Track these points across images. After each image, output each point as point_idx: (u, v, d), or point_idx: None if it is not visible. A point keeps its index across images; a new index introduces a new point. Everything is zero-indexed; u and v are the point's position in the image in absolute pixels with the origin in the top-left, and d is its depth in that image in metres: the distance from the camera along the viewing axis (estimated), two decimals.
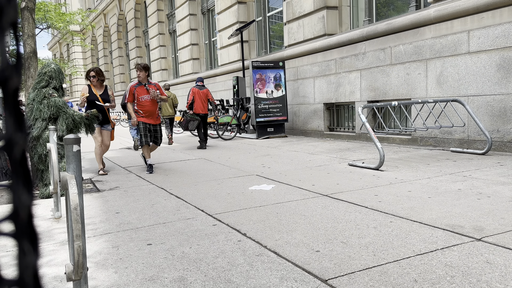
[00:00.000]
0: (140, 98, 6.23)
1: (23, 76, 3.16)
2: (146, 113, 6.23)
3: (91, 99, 6.29)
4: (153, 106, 6.30)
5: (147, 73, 6.35)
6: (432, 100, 6.38)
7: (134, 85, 6.30)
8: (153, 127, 6.34)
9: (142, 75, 6.23)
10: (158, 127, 6.44)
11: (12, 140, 0.29)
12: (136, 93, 6.23)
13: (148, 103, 6.23)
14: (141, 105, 6.23)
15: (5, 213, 0.29)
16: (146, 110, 6.22)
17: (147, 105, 6.22)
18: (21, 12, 8.76)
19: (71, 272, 1.68)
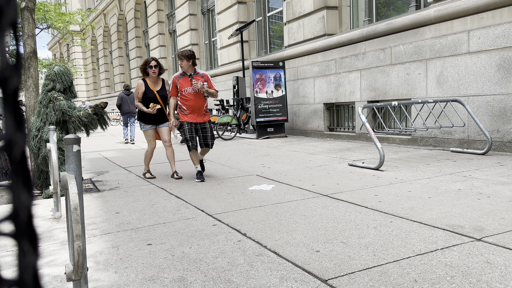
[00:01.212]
0: (183, 91, 5.32)
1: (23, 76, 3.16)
2: (189, 109, 5.31)
3: (148, 96, 5.54)
4: (199, 101, 5.31)
5: (191, 62, 5.35)
6: (432, 100, 6.38)
7: (177, 76, 5.41)
8: (201, 125, 5.38)
9: (184, 65, 5.34)
10: (207, 125, 5.42)
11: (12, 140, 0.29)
12: (179, 85, 5.33)
13: (192, 96, 5.29)
14: (184, 100, 5.33)
15: (5, 213, 0.29)
16: (190, 105, 5.29)
17: (190, 99, 5.29)
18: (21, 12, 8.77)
19: (71, 272, 1.68)
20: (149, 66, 5.58)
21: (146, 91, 5.58)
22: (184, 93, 5.31)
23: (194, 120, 5.32)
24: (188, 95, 5.30)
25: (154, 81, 5.67)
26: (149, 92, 5.58)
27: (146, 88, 5.58)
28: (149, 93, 5.58)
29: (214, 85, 5.49)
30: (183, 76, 5.38)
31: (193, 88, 5.26)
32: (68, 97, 5.13)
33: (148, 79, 5.63)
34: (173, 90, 5.41)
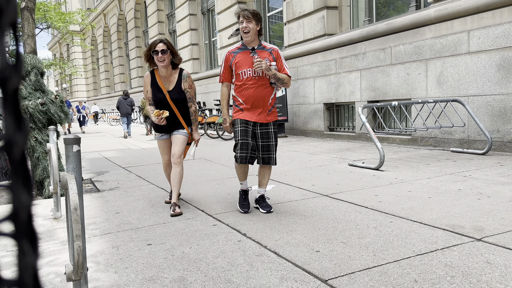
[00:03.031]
0: (240, 74, 3.54)
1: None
2: (248, 101, 3.55)
3: (156, 98, 3.87)
4: (262, 90, 3.54)
5: (259, 27, 3.56)
6: (432, 100, 6.38)
7: (233, 51, 3.63)
8: (261, 128, 3.61)
9: (251, 29, 3.48)
10: (271, 129, 3.63)
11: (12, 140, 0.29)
12: (235, 65, 3.56)
13: (253, 83, 3.52)
14: (240, 87, 3.57)
15: (4, 213, 0.29)
16: (249, 96, 3.53)
17: (250, 86, 3.53)
18: (21, 12, 8.76)
19: (71, 272, 1.68)
20: (153, 52, 3.73)
21: (154, 90, 3.86)
22: (241, 77, 3.53)
23: (252, 119, 3.56)
24: (247, 80, 3.52)
25: (165, 75, 3.85)
26: (157, 92, 3.85)
27: (154, 85, 3.86)
28: (156, 93, 3.86)
29: (287, 68, 3.62)
30: (242, 50, 3.58)
31: (254, 69, 3.47)
32: (26, 86, 4.90)
33: (158, 71, 3.85)
34: (225, 73, 3.64)
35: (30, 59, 4.95)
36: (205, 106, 16.87)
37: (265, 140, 3.63)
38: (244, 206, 3.70)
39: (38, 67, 4.99)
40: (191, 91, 3.96)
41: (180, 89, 3.90)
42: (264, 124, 3.62)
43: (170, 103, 3.88)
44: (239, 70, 3.57)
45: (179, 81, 3.91)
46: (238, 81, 3.61)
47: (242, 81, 3.57)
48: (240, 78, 3.58)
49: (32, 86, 4.89)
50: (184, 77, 3.91)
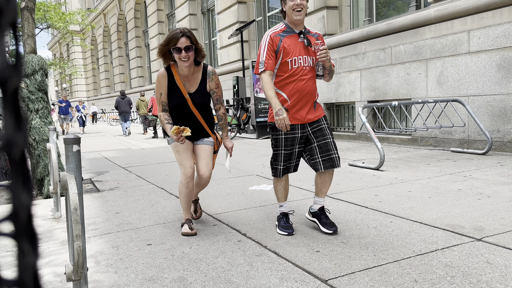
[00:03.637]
0: (289, 62, 2.90)
1: None
2: (295, 97, 2.93)
3: (173, 103, 3.10)
4: (312, 83, 2.97)
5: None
6: (432, 100, 6.38)
7: (278, 33, 2.94)
8: (312, 127, 3.00)
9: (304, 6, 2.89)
10: (323, 123, 3.01)
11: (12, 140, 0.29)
12: (283, 51, 2.90)
13: (304, 73, 2.92)
14: (287, 80, 2.92)
15: (4, 213, 0.29)
16: (298, 90, 2.92)
17: (300, 78, 2.91)
18: (21, 12, 8.76)
19: (71, 272, 1.68)
20: (174, 50, 2.94)
21: (171, 92, 3.08)
22: (290, 67, 2.89)
23: (299, 121, 2.96)
24: (298, 70, 2.90)
25: (187, 74, 3.08)
26: (175, 95, 3.07)
27: (171, 86, 3.08)
28: (174, 97, 3.08)
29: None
30: (289, 34, 2.94)
31: (317, 57, 2.89)
32: (29, 85, 4.93)
33: (176, 68, 3.08)
34: (269, 59, 2.89)
35: (38, 60, 5.01)
36: None
37: (321, 138, 2.96)
38: (287, 227, 3.02)
39: (45, 68, 5.07)
40: (218, 91, 3.19)
41: (205, 91, 3.12)
42: (315, 122, 3.01)
43: (192, 109, 3.09)
44: (288, 57, 2.88)
45: (203, 81, 3.12)
46: (284, 72, 2.91)
47: (290, 71, 2.89)
48: (287, 68, 2.89)
49: (37, 86, 4.93)
50: (209, 75, 3.13)
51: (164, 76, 3.09)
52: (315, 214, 3.11)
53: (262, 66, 2.91)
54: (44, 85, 5.01)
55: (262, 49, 2.95)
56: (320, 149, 2.95)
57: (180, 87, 3.07)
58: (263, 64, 2.91)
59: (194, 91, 3.11)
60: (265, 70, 2.90)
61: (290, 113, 2.93)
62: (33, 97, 4.87)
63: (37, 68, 4.93)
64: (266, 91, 2.89)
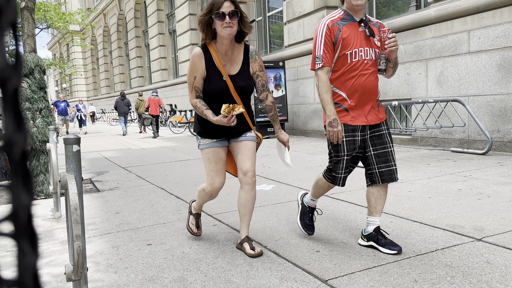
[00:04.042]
0: (348, 54, 2.52)
1: None
2: (355, 95, 2.56)
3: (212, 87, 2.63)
4: (374, 78, 2.60)
5: None
6: (432, 100, 6.38)
7: (336, 21, 2.55)
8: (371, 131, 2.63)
9: None
10: (384, 130, 2.64)
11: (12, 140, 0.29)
12: (342, 42, 2.51)
13: (366, 67, 2.55)
14: (345, 75, 2.54)
15: (4, 213, 0.29)
16: (359, 86, 2.54)
17: (362, 73, 2.54)
18: (20, 12, 8.75)
19: (71, 272, 1.68)
20: (217, 16, 2.50)
21: (209, 75, 2.62)
22: (350, 60, 2.52)
23: (362, 121, 2.58)
24: (359, 64, 2.53)
25: (226, 51, 2.63)
26: (214, 77, 2.62)
27: (208, 68, 2.62)
28: (213, 79, 2.62)
29: None
30: (348, 22, 2.55)
31: (386, 46, 2.53)
32: (31, 84, 4.92)
33: (215, 46, 2.62)
34: (327, 52, 2.52)
35: (32, 57, 4.97)
36: None
37: (380, 146, 2.59)
38: (309, 227, 2.85)
39: (41, 65, 5.02)
40: (263, 74, 2.71)
41: (248, 74, 2.66)
42: (375, 126, 2.61)
43: (233, 95, 2.61)
44: (348, 49, 2.50)
45: (245, 61, 2.66)
46: (342, 66, 2.52)
47: (349, 66, 2.51)
48: (346, 62, 2.51)
49: (37, 84, 4.92)
50: (252, 55, 2.69)
51: (200, 56, 2.61)
52: (370, 236, 2.64)
53: (320, 61, 2.52)
54: (43, 83, 4.99)
55: (318, 40, 2.53)
56: (378, 158, 2.59)
57: (219, 67, 2.60)
58: (320, 59, 2.52)
59: (235, 73, 2.63)
60: (323, 67, 2.52)
61: (351, 113, 2.56)
62: (36, 96, 4.87)
63: (32, 66, 4.92)
64: (321, 93, 2.52)
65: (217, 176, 2.70)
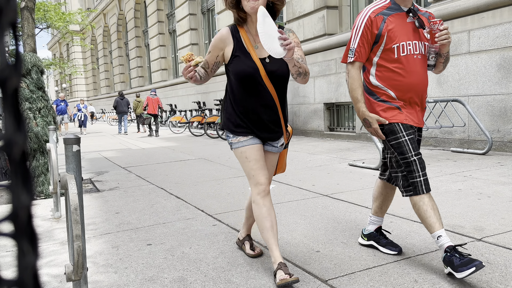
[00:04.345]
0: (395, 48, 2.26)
1: None
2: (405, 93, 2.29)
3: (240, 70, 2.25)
4: (424, 75, 2.34)
5: None
6: (432, 100, 6.38)
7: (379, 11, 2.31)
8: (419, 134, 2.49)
9: None
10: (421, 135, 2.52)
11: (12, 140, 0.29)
12: (387, 34, 2.26)
13: (416, 63, 2.29)
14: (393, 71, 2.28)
15: (4, 213, 0.29)
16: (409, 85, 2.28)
17: (412, 69, 2.28)
18: (20, 12, 8.75)
19: (71, 272, 1.68)
20: None
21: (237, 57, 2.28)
22: (397, 55, 2.26)
23: (415, 122, 2.33)
24: (408, 59, 2.26)
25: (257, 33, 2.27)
26: (242, 59, 2.27)
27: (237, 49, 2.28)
28: (241, 61, 2.26)
29: None
30: (395, 12, 2.30)
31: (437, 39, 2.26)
32: (29, 84, 4.90)
33: (245, 27, 2.34)
34: (363, 46, 2.30)
35: (30, 57, 4.96)
36: (205, 106, 16.87)
37: None
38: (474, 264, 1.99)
39: (38, 65, 5.00)
40: (299, 50, 2.30)
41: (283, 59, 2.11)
42: (419, 129, 2.43)
43: (264, 81, 2.24)
44: (394, 43, 2.24)
45: None
46: (388, 61, 2.27)
47: (396, 61, 2.26)
48: (393, 56, 2.26)
49: (35, 85, 4.91)
50: (286, 32, 2.31)
51: (225, 36, 2.30)
52: (371, 235, 2.59)
53: (352, 55, 2.31)
54: (41, 82, 4.99)
55: (355, 31, 2.30)
56: None
57: (248, 49, 2.25)
58: (353, 53, 2.31)
59: (267, 56, 2.26)
60: (354, 61, 2.31)
61: (404, 111, 2.28)
62: (34, 96, 4.86)
63: (30, 66, 4.91)
64: (351, 90, 2.32)
65: (260, 171, 2.29)
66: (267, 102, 2.29)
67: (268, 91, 2.27)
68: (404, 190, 2.29)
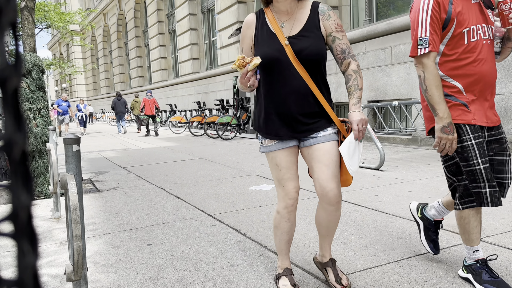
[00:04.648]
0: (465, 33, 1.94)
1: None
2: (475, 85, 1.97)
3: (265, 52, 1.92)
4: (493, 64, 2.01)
5: None
6: None
7: None
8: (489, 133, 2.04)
9: None
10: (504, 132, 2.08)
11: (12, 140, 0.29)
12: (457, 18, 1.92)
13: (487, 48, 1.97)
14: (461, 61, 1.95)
15: (4, 213, 0.29)
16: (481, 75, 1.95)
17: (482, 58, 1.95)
18: (20, 12, 8.75)
19: (71, 273, 1.68)
20: None
21: (260, 39, 1.98)
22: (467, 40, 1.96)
23: (482, 121, 2.01)
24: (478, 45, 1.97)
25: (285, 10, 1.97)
26: (266, 41, 1.96)
27: (261, 31, 1.99)
28: (265, 43, 1.96)
29: None
30: None
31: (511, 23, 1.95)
32: (30, 84, 4.90)
33: (272, 7, 2.02)
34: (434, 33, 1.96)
35: (31, 57, 4.96)
36: (205, 106, 16.88)
37: (499, 153, 2.04)
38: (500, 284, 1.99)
39: (39, 65, 5.00)
40: (342, 37, 1.93)
41: (315, 34, 1.90)
42: (494, 128, 2.06)
43: (293, 62, 1.88)
44: (464, 27, 1.94)
45: (312, 19, 1.93)
46: (457, 48, 1.97)
47: (466, 48, 1.96)
48: (463, 43, 1.95)
49: (36, 85, 4.91)
50: (323, 11, 1.96)
51: (250, 23, 2.03)
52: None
53: (426, 45, 1.94)
54: (42, 82, 4.99)
55: (421, 17, 1.95)
56: (493, 168, 2.02)
57: (274, 28, 1.92)
58: (426, 42, 1.94)
59: (295, 33, 1.91)
60: (430, 52, 1.94)
61: (472, 108, 1.97)
62: (35, 96, 4.87)
63: (30, 66, 4.91)
64: (431, 88, 1.95)
65: (289, 181, 2.00)
66: (299, 90, 1.90)
67: (299, 75, 1.89)
68: (460, 203, 2.00)
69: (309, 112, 1.93)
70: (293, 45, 1.89)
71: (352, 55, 1.95)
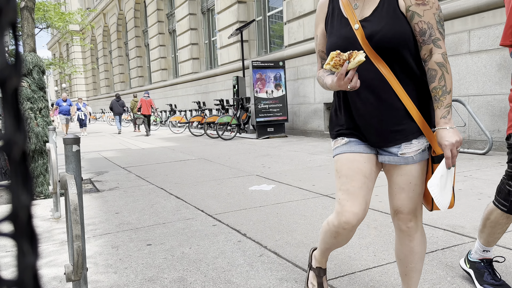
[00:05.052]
0: None
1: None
2: None
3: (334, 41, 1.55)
4: None
5: None
6: None
7: None
8: None
9: None
10: None
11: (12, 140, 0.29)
12: None
13: None
14: None
15: (4, 214, 0.29)
16: None
17: None
18: (20, 12, 8.75)
19: (71, 273, 1.68)
20: None
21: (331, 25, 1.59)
22: None
23: None
24: None
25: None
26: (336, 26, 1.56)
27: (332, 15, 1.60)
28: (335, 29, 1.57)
29: None
30: None
31: None
32: (31, 84, 4.90)
33: None
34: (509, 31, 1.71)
35: (32, 57, 4.96)
36: (205, 106, 16.88)
37: None
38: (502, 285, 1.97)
39: (40, 65, 5.01)
40: (424, 13, 1.45)
41: (391, 14, 1.47)
42: None
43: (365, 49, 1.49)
44: None
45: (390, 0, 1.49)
46: None
47: None
48: None
49: (37, 85, 4.92)
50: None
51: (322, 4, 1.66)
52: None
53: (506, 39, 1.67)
54: (42, 82, 5.00)
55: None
56: None
57: (345, 11, 1.56)
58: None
59: (369, 14, 1.51)
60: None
61: None
62: (36, 96, 4.87)
63: (31, 66, 4.91)
64: None
65: (349, 200, 1.55)
66: (373, 82, 1.48)
67: (373, 64, 1.48)
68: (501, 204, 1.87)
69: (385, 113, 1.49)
70: (364, 29, 1.49)
71: (435, 39, 1.45)
